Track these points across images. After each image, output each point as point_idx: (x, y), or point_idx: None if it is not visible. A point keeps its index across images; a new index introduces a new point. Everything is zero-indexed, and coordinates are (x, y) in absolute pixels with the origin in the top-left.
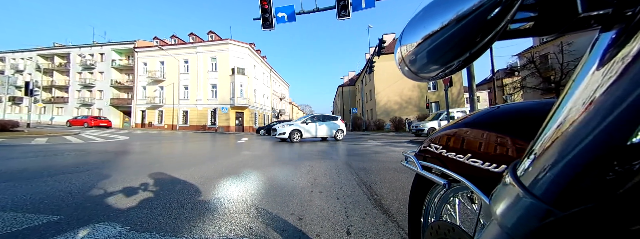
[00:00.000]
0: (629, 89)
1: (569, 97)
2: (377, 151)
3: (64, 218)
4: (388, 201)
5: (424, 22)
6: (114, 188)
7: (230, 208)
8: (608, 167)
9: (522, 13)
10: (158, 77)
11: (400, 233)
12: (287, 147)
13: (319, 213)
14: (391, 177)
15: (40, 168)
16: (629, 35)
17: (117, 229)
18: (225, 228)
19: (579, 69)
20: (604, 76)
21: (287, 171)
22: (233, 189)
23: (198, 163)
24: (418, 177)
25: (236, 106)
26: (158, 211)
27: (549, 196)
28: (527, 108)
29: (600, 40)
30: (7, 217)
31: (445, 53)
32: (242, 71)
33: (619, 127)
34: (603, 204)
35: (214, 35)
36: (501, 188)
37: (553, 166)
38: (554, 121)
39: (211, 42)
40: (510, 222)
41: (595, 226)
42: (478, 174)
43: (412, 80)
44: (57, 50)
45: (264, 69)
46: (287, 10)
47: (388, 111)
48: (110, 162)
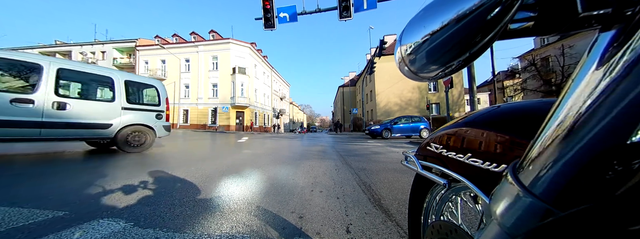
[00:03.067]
0: (628, 88)
1: (568, 96)
2: (377, 151)
3: (69, 213)
4: (387, 200)
5: (424, 22)
6: (116, 185)
7: (231, 205)
8: (608, 167)
9: (522, 13)
10: (159, 76)
11: (399, 231)
12: (286, 145)
13: (319, 211)
14: (391, 178)
15: (44, 165)
16: (629, 35)
17: (121, 224)
18: (227, 225)
19: (578, 69)
20: (603, 75)
21: (288, 170)
22: (234, 187)
23: (199, 160)
24: (418, 177)
25: (237, 105)
26: (161, 208)
27: (549, 195)
28: (527, 108)
29: (600, 40)
30: (13, 212)
31: (445, 53)
32: (243, 71)
33: (619, 127)
34: (603, 204)
35: (216, 35)
36: (501, 188)
37: (553, 166)
38: (553, 120)
39: (213, 41)
40: (510, 221)
41: (594, 225)
42: (478, 173)
43: (412, 80)
44: (59, 47)
45: (264, 68)
46: (289, 11)
47: (388, 112)
48: (111, 161)
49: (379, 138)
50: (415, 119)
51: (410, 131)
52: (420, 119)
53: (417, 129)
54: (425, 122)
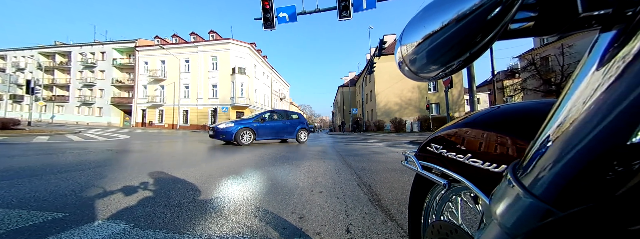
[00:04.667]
0: (628, 89)
1: (568, 97)
2: (377, 151)
3: (69, 215)
4: (387, 200)
5: (424, 22)
6: (116, 186)
7: (231, 206)
8: (608, 167)
9: (523, 13)
10: (159, 76)
11: (399, 231)
12: (286, 145)
13: (319, 211)
14: (391, 178)
15: (43, 166)
16: (629, 35)
17: (121, 226)
18: (227, 225)
19: (579, 69)
20: (603, 75)
21: (288, 170)
22: (234, 188)
23: (201, 161)
24: (418, 177)
25: (237, 105)
26: (160, 209)
27: (549, 196)
28: (527, 108)
29: (600, 40)
30: (13, 214)
31: (445, 53)
32: (243, 71)
33: (619, 127)
34: (603, 204)
35: (215, 35)
36: (501, 188)
37: (553, 166)
38: (553, 121)
39: (212, 41)
40: (510, 222)
41: (594, 226)
42: (478, 174)
43: (412, 80)
44: (59, 48)
45: (264, 68)
46: (289, 11)
47: (388, 112)
48: (111, 161)
49: (235, 144)
50: (292, 116)
51: (284, 132)
52: (299, 117)
53: (291, 130)
54: (304, 121)
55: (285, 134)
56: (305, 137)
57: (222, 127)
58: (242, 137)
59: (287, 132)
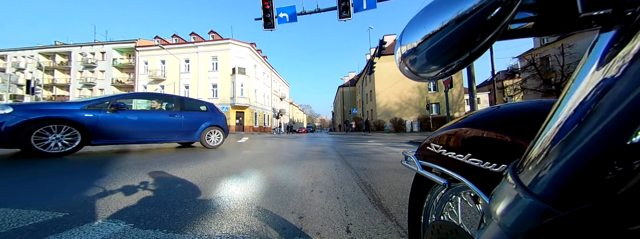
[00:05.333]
0: (628, 89)
1: (568, 97)
2: (377, 151)
3: (69, 214)
4: (387, 200)
5: (424, 22)
6: (115, 186)
7: (231, 206)
8: (608, 167)
9: (522, 13)
10: (159, 77)
11: (399, 231)
12: (286, 145)
13: (319, 211)
14: (391, 178)
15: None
16: (629, 35)
17: (121, 225)
18: (227, 225)
19: (579, 69)
20: (603, 75)
21: (288, 170)
22: (234, 188)
23: (202, 161)
24: (418, 177)
25: (237, 105)
26: (160, 209)
27: (549, 195)
28: (527, 108)
29: (600, 41)
30: (13, 213)
31: (445, 53)
32: (243, 71)
33: (619, 127)
34: (603, 204)
35: (216, 35)
36: (501, 188)
37: (553, 166)
38: (553, 120)
39: (212, 41)
40: (510, 222)
41: (594, 226)
42: (478, 173)
43: (412, 80)
44: (59, 48)
45: (264, 69)
46: (289, 11)
47: (388, 112)
48: (112, 160)
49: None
50: (199, 107)
51: (175, 132)
52: (210, 110)
53: (190, 129)
54: (218, 117)
55: (176, 135)
56: (219, 140)
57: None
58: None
59: (180, 132)
